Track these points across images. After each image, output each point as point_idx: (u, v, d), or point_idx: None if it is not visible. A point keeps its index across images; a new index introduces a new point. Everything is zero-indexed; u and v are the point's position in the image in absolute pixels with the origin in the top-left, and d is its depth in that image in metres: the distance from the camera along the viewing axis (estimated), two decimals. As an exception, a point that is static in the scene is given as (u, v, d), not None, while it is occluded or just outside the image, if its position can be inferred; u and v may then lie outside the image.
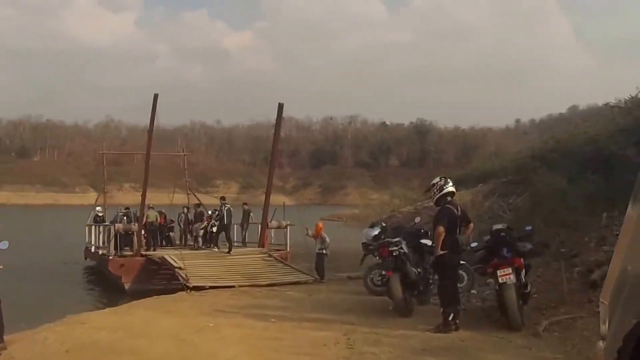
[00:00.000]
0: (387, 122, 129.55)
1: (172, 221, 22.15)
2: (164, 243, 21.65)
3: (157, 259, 17.20)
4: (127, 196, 68.05)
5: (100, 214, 21.90)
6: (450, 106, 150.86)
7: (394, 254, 9.34)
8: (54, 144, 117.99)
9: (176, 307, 11.25)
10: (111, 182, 79.03)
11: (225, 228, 18.85)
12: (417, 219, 11.59)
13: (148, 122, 18.79)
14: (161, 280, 16.64)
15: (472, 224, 8.40)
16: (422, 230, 10.87)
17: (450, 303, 8.22)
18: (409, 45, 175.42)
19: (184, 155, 27.05)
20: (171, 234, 22.34)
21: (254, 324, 9.12)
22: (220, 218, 19.01)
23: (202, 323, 9.27)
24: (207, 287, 14.04)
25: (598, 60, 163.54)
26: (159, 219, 21.10)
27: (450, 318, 8.16)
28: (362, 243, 11.38)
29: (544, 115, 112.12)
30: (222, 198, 20.38)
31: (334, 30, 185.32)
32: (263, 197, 19.73)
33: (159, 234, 21.61)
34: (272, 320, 9.42)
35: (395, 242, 9.51)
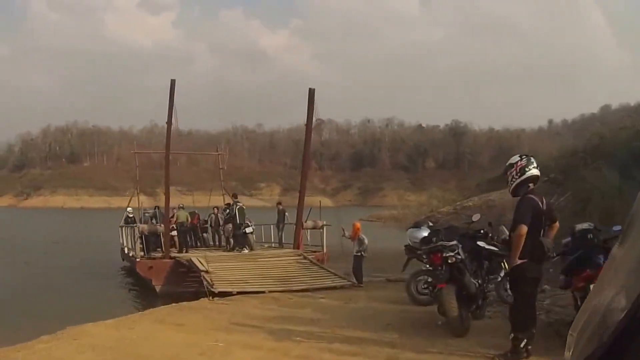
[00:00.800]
0: (423, 125, 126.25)
1: (206, 222, 20.45)
2: (197, 244, 20.03)
3: (185, 262, 15.42)
4: (174, 199, 66.93)
5: (131, 215, 20.41)
6: (483, 106, 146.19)
7: (449, 261, 7.07)
8: (101, 149, 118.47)
9: (190, 318, 9.31)
10: (158, 186, 79.26)
11: (238, 227, 17.37)
12: (476, 217, 9.04)
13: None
14: (192, 283, 14.86)
15: (557, 223, 5.84)
16: (482, 231, 8.43)
17: (525, 327, 5.87)
18: (441, 45, 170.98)
19: (218, 154, 25.26)
20: (205, 235, 20.64)
21: (273, 345, 7.09)
22: (231, 217, 17.45)
23: (211, 342, 7.30)
24: (234, 293, 12.16)
25: (632, 60, 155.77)
26: (189, 219, 19.40)
27: (522, 345, 5.90)
28: (406, 246, 9.18)
29: (576, 116, 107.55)
30: (234, 196, 19.02)
31: (368, 29, 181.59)
32: (304, 197, 17.66)
33: (192, 234, 20.02)
34: (298, 339, 7.36)
35: (451, 246, 7.22)
